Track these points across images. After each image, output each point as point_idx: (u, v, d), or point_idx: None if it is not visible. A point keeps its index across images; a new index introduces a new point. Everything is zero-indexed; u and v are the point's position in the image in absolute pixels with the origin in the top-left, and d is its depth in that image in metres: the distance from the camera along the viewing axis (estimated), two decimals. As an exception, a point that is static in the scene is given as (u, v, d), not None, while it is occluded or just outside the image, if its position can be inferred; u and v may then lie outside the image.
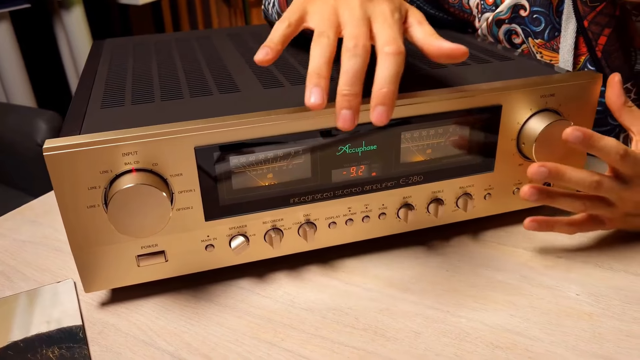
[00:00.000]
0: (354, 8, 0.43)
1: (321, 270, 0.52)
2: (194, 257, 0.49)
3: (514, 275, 0.51)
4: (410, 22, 0.46)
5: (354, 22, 0.42)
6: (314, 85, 0.39)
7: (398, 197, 0.52)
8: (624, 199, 0.50)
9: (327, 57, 0.40)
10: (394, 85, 0.39)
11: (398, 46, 0.40)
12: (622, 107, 0.52)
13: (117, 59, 0.65)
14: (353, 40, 0.40)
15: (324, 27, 0.42)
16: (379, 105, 0.38)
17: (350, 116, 0.39)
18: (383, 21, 0.42)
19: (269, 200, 0.48)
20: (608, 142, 0.47)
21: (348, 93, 0.39)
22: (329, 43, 0.41)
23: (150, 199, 0.43)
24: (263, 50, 0.42)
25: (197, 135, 0.44)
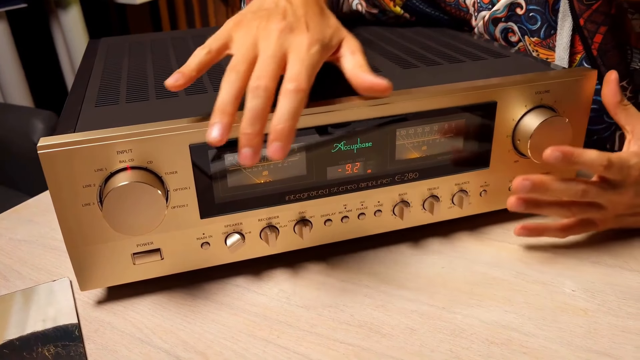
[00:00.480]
0: (271, 41, 0.43)
1: (317, 268, 0.52)
2: (189, 254, 0.49)
3: (510, 272, 0.51)
4: (343, 52, 0.46)
5: (264, 60, 0.42)
6: (216, 122, 0.39)
7: (393, 194, 0.52)
8: (614, 202, 0.50)
9: (233, 93, 0.40)
10: (290, 121, 0.39)
11: (299, 83, 0.40)
12: (617, 106, 0.53)
13: (112, 57, 0.65)
14: (256, 81, 0.40)
15: (237, 60, 0.42)
16: (274, 141, 0.39)
17: (251, 154, 0.39)
18: (295, 56, 0.42)
19: (264, 197, 0.48)
20: (589, 156, 0.47)
21: (248, 132, 0.39)
22: (237, 77, 0.41)
23: (145, 197, 0.43)
24: (175, 76, 0.43)
25: (191, 133, 0.44)
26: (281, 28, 0.44)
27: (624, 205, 0.51)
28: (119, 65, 0.61)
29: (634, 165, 0.49)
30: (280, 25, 0.44)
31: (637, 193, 0.50)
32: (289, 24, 0.44)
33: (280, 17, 0.45)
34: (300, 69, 0.41)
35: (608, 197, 0.50)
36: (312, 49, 0.43)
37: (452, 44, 0.65)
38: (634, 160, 0.49)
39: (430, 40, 0.67)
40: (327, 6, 0.52)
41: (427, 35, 0.70)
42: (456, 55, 0.60)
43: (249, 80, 0.41)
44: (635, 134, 0.52)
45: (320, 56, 0.44)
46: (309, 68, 0.42)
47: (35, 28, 2.02)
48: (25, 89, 1.89)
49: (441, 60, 0.58)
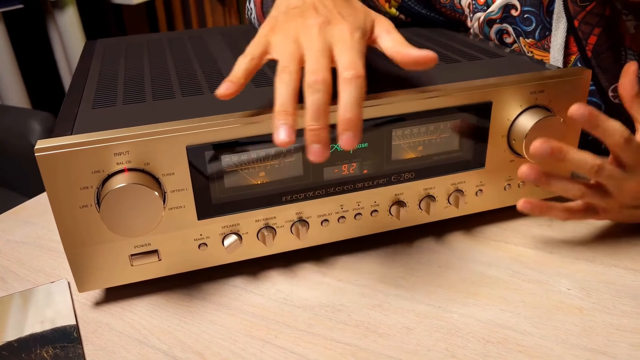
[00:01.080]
0: (313, 37, 0.43)
1: (314, 268, 0.53)
2: (187, 255, 0.49)
3: (506, 271, 0.51)
4: (378, 32, 0.47)
5: (313, 55, 0.42)
6: (281, 123, 0.40)
7: (390, 194, 0.52)
8: (622, 189, 0.49)
9: (290, 92, 0.41)
10: (357, 109, 0.39)
11: (356, 70, 0.40)
12: (634, 98, 0.51)
13: (109, 59, 0.65)
14: (312, 75, 0.40)
15: (285, 60, 0.42)
16: (345, 131, 0.39)
17: (320, 149, 0.39)
18: (342, 45, 0.42)
19: (261, 198, 0.48)
20: (613, 124, 0.46)
21: (315, 128, 0.39)
22: (291, 78, 0.41)
23: (143, 199, 0.43)
24: (225, 84, 0.43)
25: (188, 135, 0.44)
26: (319, 22, 0.44)
27: (630, 195, 0.50)
28: (115, 66, 0.62)
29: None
30: (317, 20, 0.44)
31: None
32: (325, 17, 0.44)
33: (314, 12, 0.45)
34: (352, 56, 0.41)
35: (618, 182, 0.49)
36: (355, 35, 0.43)
37: (447, 43, 0.65)
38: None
39: (426, 40, 0.67)
40: None
41: (422, 35, 0.70)
42: (452, 55, 0.60)
43: (303, 78, 0.41)
44: None
45: (364, 41, 0.44)
46: (359, 54, 0.42)
47: (32, 29, 2.02)
48: (22, 90, 1.89)
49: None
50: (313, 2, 0.46)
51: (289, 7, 0.47)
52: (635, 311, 0.46)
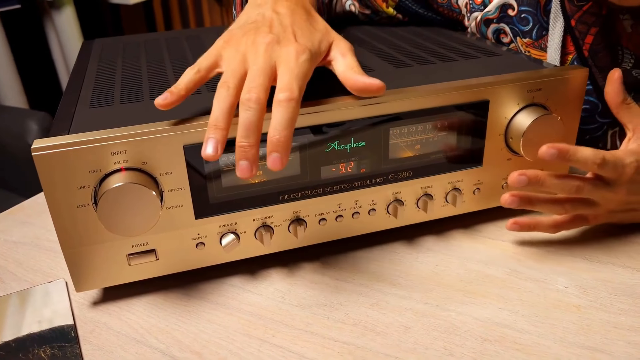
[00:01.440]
0: (259, 55, 0.43)
1: (312, 267, 0.53)
2: (184, 255, 0.49)
3: (503, 269, 0.52)
4: (333, 55, 0.47)
5: (253, 73, 0.42)
6: (209, 137, 0.40)
7: (387, 193, 0.52)
8: (607, 199, 0.51)
9: (224, 108, 0.41)
10: (286, 130, 0.40)
11: (290, 92, 0.41)
12: (620, 104, 0.53)
13: (106, 58, 0.65)
14: (247, 93, 0.41)
15: (227, 76, 0.43)
16: (272, 152, 0.39)
17: (248, 166, 0.40)
18: (285, 66, 0.43)
19: (258, 197, 0.48)
20: (584, 153, 0.47)
21: (244, 144, 0.40)
22: (228, 94, 0.41)
23: (140, 198, 0.43)
24: (164, 94, 0.43)
25: (186, 134, 0.44)
26: (268, 41, 0.44)
27: (616, 202, 0.51)
28: (113, 66, 0.62)
29: (628, 164, 0.49)
30: (267, 39, 0.44)
31: (630, 191, 0.50)
32: (276, 36, 0.45)
33: (267, 30, 0.46)
34: (290, 78, 0.42)
35: (601, 194, 0.50)
36: (301, 58, 0.43)
37: (445, 42, 0.65)
38: (629, 159, 0.49)
39: (423, 39, 0.67)
40: (314, 9, 0.52)
41: (420, 34, 0.70)
42: (449, 54, 0.60)
43: (240, 96, 0.41)
44: (636, 132, 0.52)
45: (309, 64, 0.44)
46: (299, 77, 0.42)
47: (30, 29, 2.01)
48: (20, 90, 1.88)
49: (434, 59, 0.59)
50: (271, 19, 0.47)
51: (247, 21, 0.48)
52: (632, 309, 0.46)
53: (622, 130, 0.62)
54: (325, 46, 0.47)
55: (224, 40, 0.47)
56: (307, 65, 0.43)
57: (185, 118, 0.45)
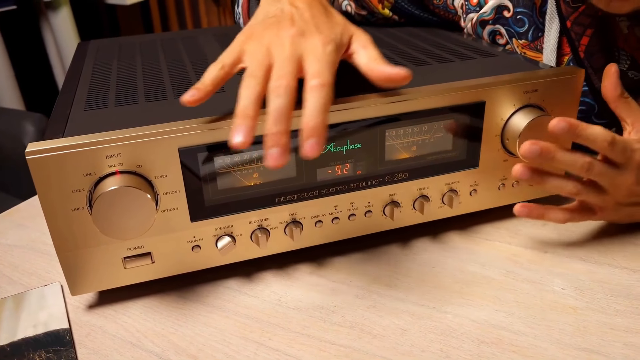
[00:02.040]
0: (284, 46, 0.43)
1: (308, 269, 0.53)
2: (180, 258, 0.49)
3: (500, 271, 0.51)
4: (354, 48, 0.47)
5: (280, 62, 0.42)
6: (238, 124, 0.39)
7: (384, 194, 0.52)
8: (616, 185, 0.50)
9: (253, 97, 0.40)
10: (321, 116, 0.39)
11: (323, 78, 0.40)
12: (618, 98, 0.52)
13: (101, 60, 0.65)
14: (277, 80, 0.41)
15: (253, 68, 0.42)
16: (309, 138, 0.38)
17: (278, 154, 0.38)
18: (312, 56, 0.42)
19: (254, 200, 0.48)
20: (594, 130, 0.47)
21: (274, 132, 0.39)
22: (256, 83, 0.41)
23: (135, 201, 0.43)
24: (191, 91, 0.42)
25: (181, 137, 0.44)
26: (293, 34, 0.44)
27: (624, 191, 0.50)
28: (108, 68, 0.61)
29: (637, 150, 0.48)
30: (291, 32, 0.44)
31: (638, 179, 0.50)
32: (299, 29, 0.44)
33: (289, 23, 0.45)
34: (320, 66, 0.41)
35: (611, 177, 0.49)
36: (327, 48, 0.43)
37: (441, 43, 0.65)
38: (637, 146, 0.49)
39: (420, 40, 0.67)
40: (329, 4, 0.52)
41: (416, 35, 0.70)
42: (445, 55, 0.60)
43: (268, 84, 0.41)
44: (635, 127, 0.52)
45: (336, 55, 0.44)
46: (328, 65, 0.42)
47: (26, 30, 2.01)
48: (16, 91, 1.88)
49: (430, 60, 0.59)
50: (291, 13, 0.46)
51: (267, 16, 0.47)
52: (628, 310, 0.46)
53: (618, 131, 0.62)
54: (346, 38, 0.47)
55: (246, 35, 0.46)
56: (334, 55, 0.43)
57: (180, 120, 0.44)
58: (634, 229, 0.55)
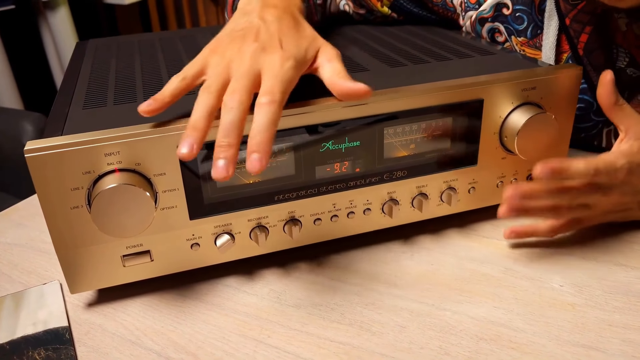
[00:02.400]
0: (243, 61, 0.44)
1: (307, 267, 0.53)
2: (179, 256, 0.49)
3: (498, 268, 0.52)
4: (320, 62, 0.47)
5: (237, 77, 0.43)
6: (187, 136, 0.40)
7: (382, 192, 0.52)
8: (601, 202, 0.51)
9: (205, 111, 0.41)
10: (266, 132, 0.39)
11: (272, 95, 0.41)
12: (613, 106, 0.52)
13: (100, 59, 0.65)
14: (230, 95, 0.41)
15: (210, 82, 0.43)
16: (252, 153, 0.39)
17: (224, 165, 0.39)
18: (269, 72, 0.43)
19: (253, 198, 0.48)
20: (578, 167, 0.48)
21: (222, 144, 0.39)
22: (210, 97, 0.42)
23: (134, 199, 0.43)
24: (148, 101, 0.43)
25: (179, 135, 0.44)
26: (253, 49, 0.44)
27: (611, 204, 0.51)
28: (106, 66, 0.61)
29: (620, 168, 0.49)
30: (252, 47, 0.44)
31: (624, 192, 0.50)
32: (261, 44, 0.45)
33: (253, 37, 0.46)
34: (274, 82, 0.42)
35: (596, 198, 0.50)
36: (286, 65, 0.43)
37: (439, 41, 0.65)
38: (621, 162, 0.49)
39: (418, 38, 0.67)
40: (303, 16, 0.52)
41: (414, 33, 0.70)
42: (443, 53, 0.60)
43: (223, 98, 0.41)
44: (629, 134, 0.52)
45: (294, 71, 0.44)
46: (283, 82, 0.42)
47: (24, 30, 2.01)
48: (15, 91, 1.88)
49: (428, 58, 0.59)
50: (258, 26, 0.47)
51: (234, 29, 0.48)
52: (626, 307, 0.46)
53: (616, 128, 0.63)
54: (312, 53, 0.47)
55: (210, 48, 0.47)
56: (291, 72, 0.44)
57: (179, 118, 0.44)
58: (630, 227, 0.55)
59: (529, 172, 0.57)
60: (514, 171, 0.56)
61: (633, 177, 0.50)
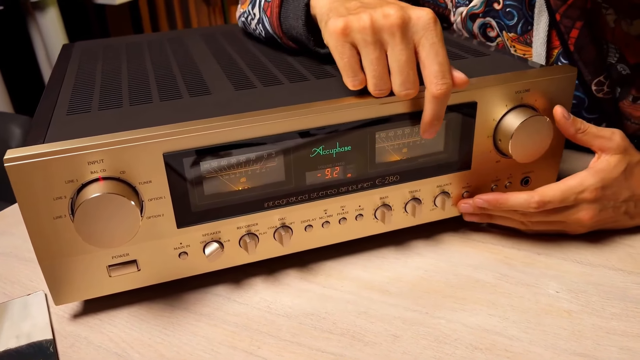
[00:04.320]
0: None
1: (299, 274, 0.52)
2: (167, 265, 0.47)
3: (493, 274, 0.51)
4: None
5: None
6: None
7: (374, 197, 0.51)
8: (577, 219, 0.51)
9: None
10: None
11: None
12: (576, 135, 0.52)
13: (85, 62, 0.63)
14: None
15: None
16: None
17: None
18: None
19: (242, 205, 0.47)
20: (516, 198, 0.50)
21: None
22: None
23: (119, 208, 0.41)
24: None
25: (165, 141, 0.42)
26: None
27: (592, 221, 0.51)
28: (92, 70, 0.60)
29: (588, 188, 0.50)
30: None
31: (604, 207, 0.51)
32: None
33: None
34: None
35: (566, 217, 0.51)
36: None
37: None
38: (590, 182, 0.50)
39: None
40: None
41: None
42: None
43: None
44: (604, 152, 0.52)
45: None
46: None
47: (13, 31, 1.98)
48: (4, 93, 1.85)
49: (421, 60, 0.58)
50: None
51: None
52: (624, 313, 0.45)
53: (610, 125, 0.62)
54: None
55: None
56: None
57: (165, 125, 0.43)
58: (626, 230, 0.54)
59: (524, 175, 0.56)
60: (509, 174, 0.55)
61: (608, 191, 0.50)
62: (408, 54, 0.44)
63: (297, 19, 0.54)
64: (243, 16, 0.69)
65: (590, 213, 0.51)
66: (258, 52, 0.64)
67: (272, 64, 0.58)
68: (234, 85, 0.53)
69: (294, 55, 0.60)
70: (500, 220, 0.54)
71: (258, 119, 0.44)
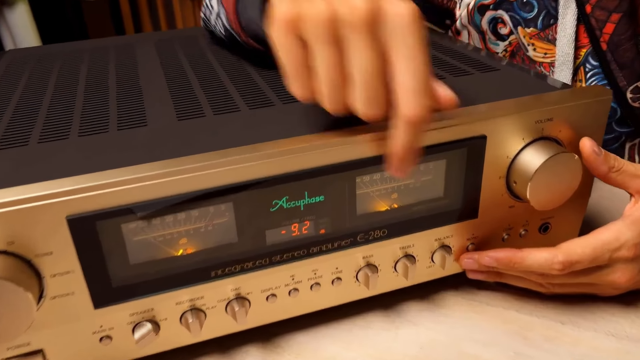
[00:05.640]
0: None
1: (260, 353, 0.41)
2: (85, 353, 0.36)
3: (506, 352, 0.40)
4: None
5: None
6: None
7: (356, 257, 0.40)
8: (611, 281, 0.41)
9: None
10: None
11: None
12: (609, 175, 0.41)
13: (4, 79, 0.52)
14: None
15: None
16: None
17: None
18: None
19: (183, 274, 0.36)
20: (536, 258, 0.40)
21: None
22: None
23: (3, 294, 0.30)
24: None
25: (68, 201, 0.31)
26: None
27: (630, 284, 0.41)
28: (8, 91, 0.49)
29: (625, 243, 0.39)
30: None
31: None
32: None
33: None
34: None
35: (599, 278, 0.41)
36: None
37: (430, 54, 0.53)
38: (627, 236, 0.39)
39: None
40: None
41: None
42: (434, 69, 0.48)
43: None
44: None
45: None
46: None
47: (-18, 29, 1.86)
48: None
49: (415, 77, 0.46)
50: None
51: None
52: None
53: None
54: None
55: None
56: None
57: (68, 177, 0.32)
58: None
59: (543, 222, 0.45)
60: (524, 221, 0.44)
61: None
62: (376, 61, 0.31)
63: (255, 7, 0.43)
64: (203, 11, 0.58)
65: (627, 274, 0.40)
66: (216, 62, 0.53)
67: (230, 80, 0.47)
68: (177, 111, 0.42)
69: (259, 68, 0.49)
70: (513, 280, 0.43)
71: (198, 166, 0.33)
